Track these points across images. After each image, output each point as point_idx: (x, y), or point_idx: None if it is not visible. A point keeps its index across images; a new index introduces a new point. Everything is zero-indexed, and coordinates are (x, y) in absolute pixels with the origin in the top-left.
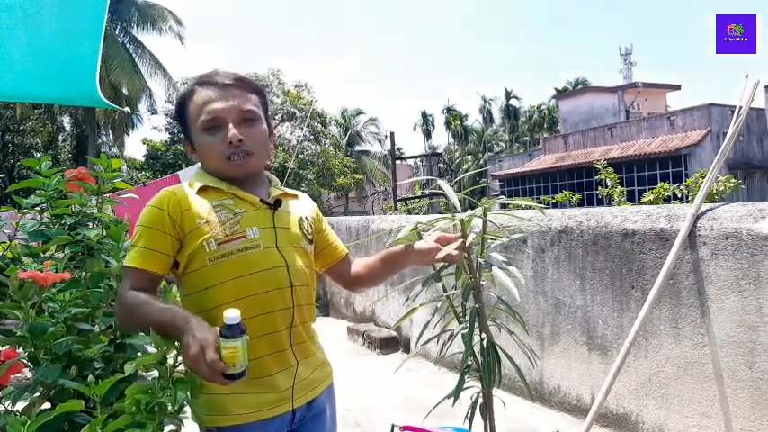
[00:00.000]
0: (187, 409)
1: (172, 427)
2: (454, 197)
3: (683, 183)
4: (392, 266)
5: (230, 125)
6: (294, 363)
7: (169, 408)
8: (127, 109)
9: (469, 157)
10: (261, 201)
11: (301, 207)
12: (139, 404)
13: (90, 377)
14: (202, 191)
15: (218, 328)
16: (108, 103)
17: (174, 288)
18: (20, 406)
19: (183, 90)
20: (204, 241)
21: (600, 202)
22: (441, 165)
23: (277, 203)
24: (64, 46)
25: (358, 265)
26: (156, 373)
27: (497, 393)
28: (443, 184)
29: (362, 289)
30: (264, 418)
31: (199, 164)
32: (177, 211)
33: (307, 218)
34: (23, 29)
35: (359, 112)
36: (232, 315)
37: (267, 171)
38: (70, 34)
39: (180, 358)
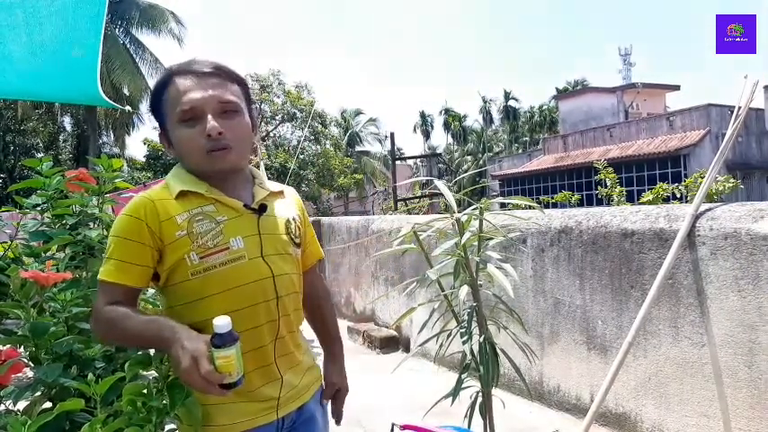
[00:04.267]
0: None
1: (172, 426)
2: (451, 197)
3: (682, 183)
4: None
5: (209, 116)
6: (279, 376)
7: (167, 411)
8: (128, 107)
9: (469, 157)
10: (245, 206)
11: (288, 206)
12: (135, 404)
13: (90, 376)
14: (181, 196)
15: (209, 338)
16: (109, 101)
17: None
18: (21, 405)
19: (157, 80)
20: (185, 254)
21: (599, 202)
22: (440, 165)
23: (262, 208)
24: (64, 44)
25: (311, 298)
26: (154, 372)
27: (497, 393)
28: (440, 184)
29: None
30: (253, 427)
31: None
32: (155, 221)
33: (294, 219)
34: (24, 27)
35: (358, 113)
36: (222, 323)
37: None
38: (70, 32)
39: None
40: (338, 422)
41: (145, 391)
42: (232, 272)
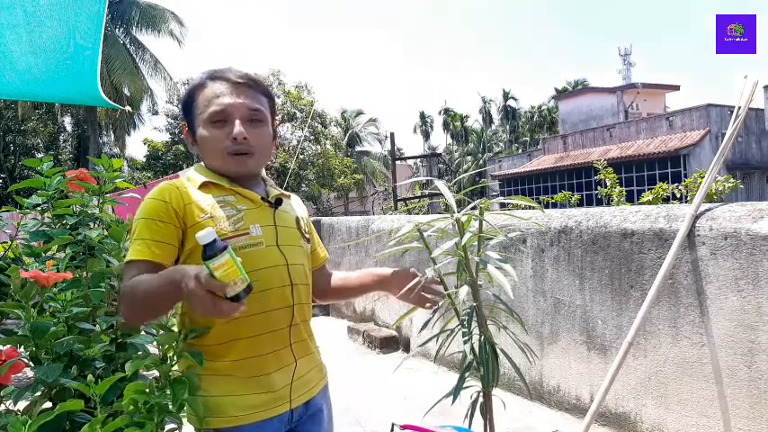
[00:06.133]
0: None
1: (172, 425)
2: (451, 197)
3: (682, 183)
4: (369, 288)
5: (237, 121)
6: (293, 360)
7: (170, 407)
8: (128, 108)
9: (469, 157)
10: (262, 199)
11: (296, 207)
12: (137, 404)
13: (90, 376)
14: (203, 186)
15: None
16: (109, 101)
17: None
18: (21, 405)
19: (194, 81)
20: None
21: (599, 203)
22: (440, 165)
23: (278, 202)
24: (64, 44)
25: (336, 278)
26: (155, 372)
27: (497, 393)
28: (440, 184)
29: (331, 301)
30: (262, 419)
31: (196, 162)
32: (180, 204)
33: (302, 218)
34: (24, 27)
35: (359, 113)
36: (203, 233)
37: (267, 170)
38: (70, 32)
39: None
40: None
41: (147, 389)
42: (251, 256)
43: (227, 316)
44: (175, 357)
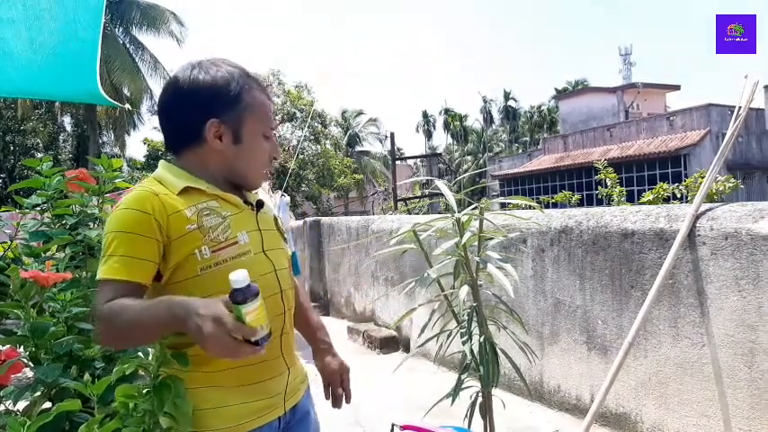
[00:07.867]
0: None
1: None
2: (451, 197)
3: (683, 183)
4: (301, 331)
5: (275, 142)
6: (285, 369)
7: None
8: (127, 105)
9: (469, 157)
10: (245, 202)
11: (270, 205)
12: (127, 406)
13: (87, 376)
14: (183, 192)
15: (227, 297)
16: (108, 99)
17: None
18: (21, 405)
19: (234, 74)
20: (196, 249)
21: (599, 203)
22: (440, 165)
23: (259, 205)
24: (64, 42)
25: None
26: None
27: (497, 393)
28: (441, 184)
29: None
30: (253, 429)
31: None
32: (163, 215)
33: (277, 216)
34: (24, 24)
35: (359, 113)
36: (240, 277)
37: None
38: (69, 30)
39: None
40: (348, 401)
41: (136, 393)
42: (240, 266)
43: (244, 358)
44: (160, 363)
